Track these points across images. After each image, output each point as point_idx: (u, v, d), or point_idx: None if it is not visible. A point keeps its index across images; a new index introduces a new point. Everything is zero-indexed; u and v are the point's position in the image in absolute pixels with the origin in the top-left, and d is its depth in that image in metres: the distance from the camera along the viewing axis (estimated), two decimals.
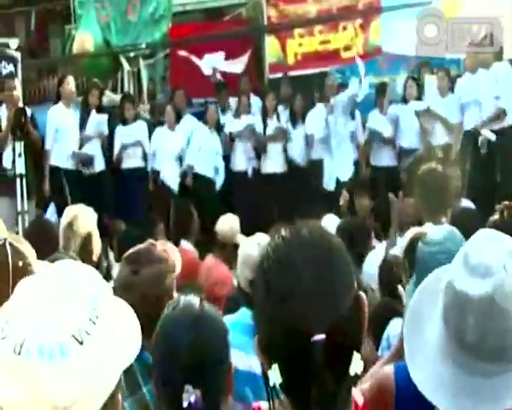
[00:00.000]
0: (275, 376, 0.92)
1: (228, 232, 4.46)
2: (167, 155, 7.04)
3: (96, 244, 3.03)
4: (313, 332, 0.88)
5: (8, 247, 2.02)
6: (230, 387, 1.46)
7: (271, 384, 0.93)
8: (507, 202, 4.43)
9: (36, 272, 2.07)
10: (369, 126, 6.87)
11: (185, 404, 1.31)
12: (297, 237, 0.96)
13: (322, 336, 0.88)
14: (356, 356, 0.92)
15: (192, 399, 1.31)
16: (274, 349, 0.93)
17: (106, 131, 7.03)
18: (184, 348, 1.39)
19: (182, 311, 1.46)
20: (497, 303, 1.10)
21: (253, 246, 2.45)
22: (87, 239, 2.94)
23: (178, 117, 7.19)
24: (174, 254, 2.08)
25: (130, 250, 2.12)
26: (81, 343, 0.94)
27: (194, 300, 1.50)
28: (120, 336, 1.00)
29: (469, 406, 1.11)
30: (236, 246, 4.45)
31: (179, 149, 7.10)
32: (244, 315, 2.30)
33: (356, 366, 0.92)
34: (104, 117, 7.07)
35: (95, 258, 2.95)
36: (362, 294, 0.97)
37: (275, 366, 0.92)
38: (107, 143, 7.08)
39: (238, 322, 2.23)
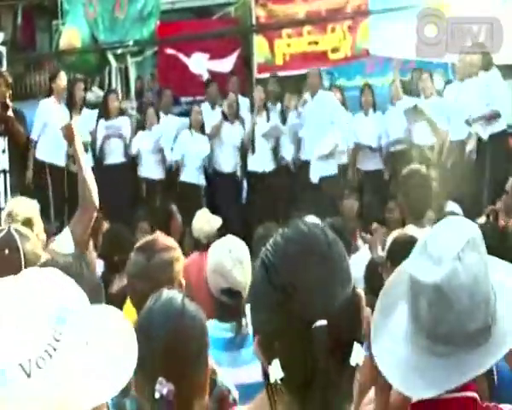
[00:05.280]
0: (276, 371, 0.91)
1: (208, 231, 4.41)
2: (151, 156, 7.04)
3: (40, 232, 2.94)
4: (315, 319, 0.90)
5: (14, 233, 2.08)
6: (206, 390, 1.46)
7: (272, 381, 0.92)
8: (493, 206, 4.50)
9: (41, 254, 2.11)
10: (356, 141, 6.85)
11: (157, 395, 1.32)
12: (296, 231, 0.98)
13: (323, 322, 0.89)
14: (356, 346, 0.93)
15: (164, 391, 1.32)
16: (276, 343, 0.93)
17: (93, 126, 7.02)
18: (161, 341, 1.40)
19: (163, 304, 1.47)
20: (444, 293, 1.13)
21: (224, 253, 2.36)
22: (26, 225, 2.87)
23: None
24: (176, 244, 2.21)
25: (142, 240, 2.21)
26: (39, 368, 0.85)
27: (177, 295, 1.51)
28: (103, 359, 0.92)
29: (421, 384, 1.16)
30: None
31: (158, 148, 7.08)
32: (216, 329, 2.22)
33: (357, 356, 0.92)
34: (94, 113, 7.05)
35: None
36: (360, 290, 0.98)
37: (275, 361, 0.92)
38: (94, 139, 7.06)
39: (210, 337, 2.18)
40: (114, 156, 7.05)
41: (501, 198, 4.66)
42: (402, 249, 2.43)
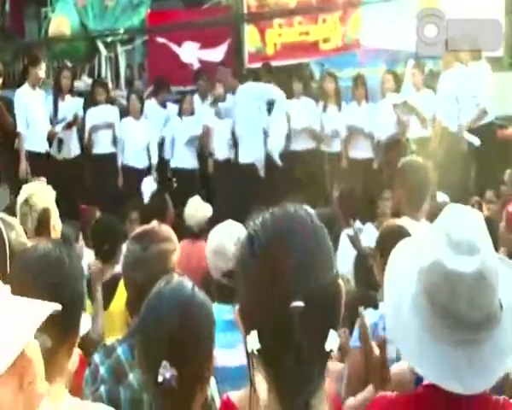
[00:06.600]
0: (253, 342, 0.93)
1: (200, 219, 4.41)
2: (135, 146, 7.00)
3: (56, 222, 2.93)
4: (293, 298, 0.90)
5: None
6: (209, 378, 1.47)
7: (249, 350, 0.94)
8: (477, 198, 4.54)
9: (26, 242, 2.09)
10: (348, 124, 6.88)
11: (160, 379, 1.34)
12: (283, 211, 1.00)
13: (301, 303, 0.90)
14: (332, 333, 0.93)
15: (167, 375, 1.33)
16: (254, 315, 0.95)
17: (81, 114, 6.97)
18: (169, 325, 1.40)
19: (173, 289, 1.47)
20: (485, 278, 1.19)
21: (225, 236, 2.39)
22: (44, 215, 2.85)
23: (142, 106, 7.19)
24: (173, 235, 2.16)
25: (138, 229, 2.19)
26: None
27: (187, 281, 1.51)
28: None
29: (464, 375, 1.19)
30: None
31: (146, 140, 7.06)
32: (217, 312, 2.25)
33: (331, 342, 0.93)
34: (79, 100, 7.00)
35: (54, 235, 2.85)
36: (341, 281, 0.99)
37: (253, 332, 0.93)
38: (82, 127, 7.02)
39: None
40: (102, 146, 7.02)
41: (490, 189, 4.71)
42: (391, 240, 2.45)
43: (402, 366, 1.59)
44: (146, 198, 6.13)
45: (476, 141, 5.85)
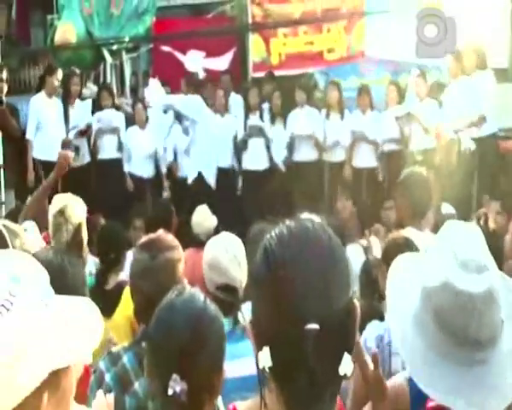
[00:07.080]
0: (265, 359, 0.91)
1: (208, 227, 4.42)
2: (141, 154, 7.00)
3: (85, 237, 2.94)
4: (307, 320, 0.88)
5: (3, 229, 2.06)
6: (218, 391, 1.47)
7: (261, 367, 0.92)
8: (483, 210, 4.54)
9: (30, 250, 2.10)
10: (353, 130, 6.89)
11: (170, 392, 1.33)
12: (301, 227, 0.96)
13: (315, 326, 0.88)
14: (346, 357, 0.91)
15: (177, 389, 1.33)
16: (266, 331, 0.93)
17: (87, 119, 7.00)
18: (180, 338, 1.39)
19: (185, 301, 1.46)
20: (494, 297, 1.19)
21: (220, 250, 2.37)
22: (79, 230, 2.85)
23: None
24: (178, 244, 2.15)
25: (145, 238, 2.17)
26: None
27: (199, 293, 1.50)
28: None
29: (471, 394, 1.18)
30: None
31: (152, 149, 7.06)
32: None
33: (346, 366, 0.91)
34: (88, 103, 7.03)
35: (83, 251, 2.86)
36: (356, 301, 0.97)
37: (266, 349, 0.91)
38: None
39: None
40: (107, 152, 7.02)
41: (496, 200, 4.71)
42: (398, 252, 2.45)
43: (398, 379, 1.58)
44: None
45: (472, 145, 5.85)
